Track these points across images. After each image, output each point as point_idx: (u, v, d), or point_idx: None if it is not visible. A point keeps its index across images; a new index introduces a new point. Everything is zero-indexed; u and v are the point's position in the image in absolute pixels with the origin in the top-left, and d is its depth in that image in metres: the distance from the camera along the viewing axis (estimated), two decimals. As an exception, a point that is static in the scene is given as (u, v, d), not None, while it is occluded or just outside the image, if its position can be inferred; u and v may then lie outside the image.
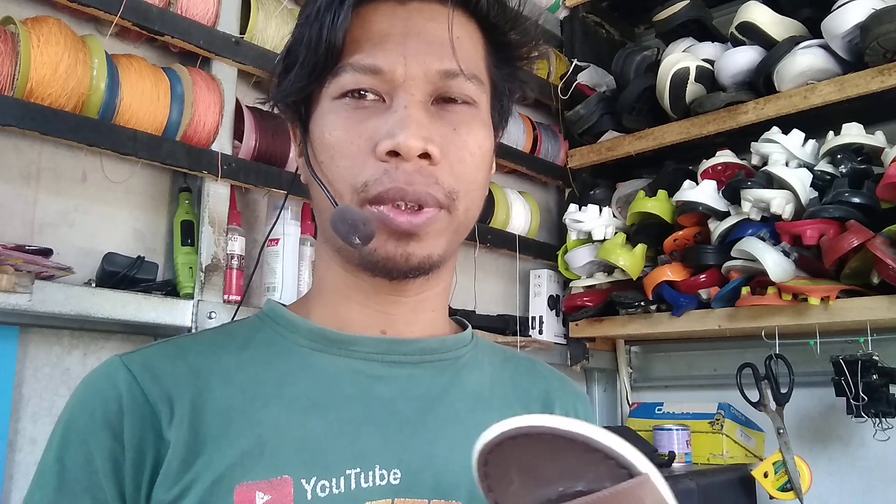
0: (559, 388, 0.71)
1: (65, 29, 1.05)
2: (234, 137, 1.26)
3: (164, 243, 1.26)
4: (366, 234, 0.56)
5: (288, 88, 0.61)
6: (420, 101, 0.58)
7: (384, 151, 0.56)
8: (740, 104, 1.60)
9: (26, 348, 1.09)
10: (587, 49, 2.01)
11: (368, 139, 0.58)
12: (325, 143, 0.59)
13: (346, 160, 0.58)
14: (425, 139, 0.56)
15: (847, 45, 1.46)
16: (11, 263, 0.96)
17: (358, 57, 0.58)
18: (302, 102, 0.63)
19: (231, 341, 0.63)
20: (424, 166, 0.57)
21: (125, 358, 0.59)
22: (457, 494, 0.57)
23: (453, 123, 0.59)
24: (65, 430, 0.57)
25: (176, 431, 0.55)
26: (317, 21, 0.58)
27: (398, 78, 0.58)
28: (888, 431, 1.41)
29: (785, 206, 1.44)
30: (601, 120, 1.83)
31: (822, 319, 1.42)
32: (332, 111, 0.59)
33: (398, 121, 0.56)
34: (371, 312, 0.63)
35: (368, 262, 0.59)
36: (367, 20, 0.60)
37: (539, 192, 1.96)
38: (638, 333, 1.72)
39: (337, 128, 0.59)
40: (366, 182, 0.57)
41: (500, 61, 0.65)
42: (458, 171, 0.59)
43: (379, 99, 0.59)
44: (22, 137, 1.09)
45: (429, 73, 0.58)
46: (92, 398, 0.58)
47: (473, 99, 0.61)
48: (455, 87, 0.59)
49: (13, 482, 1.05)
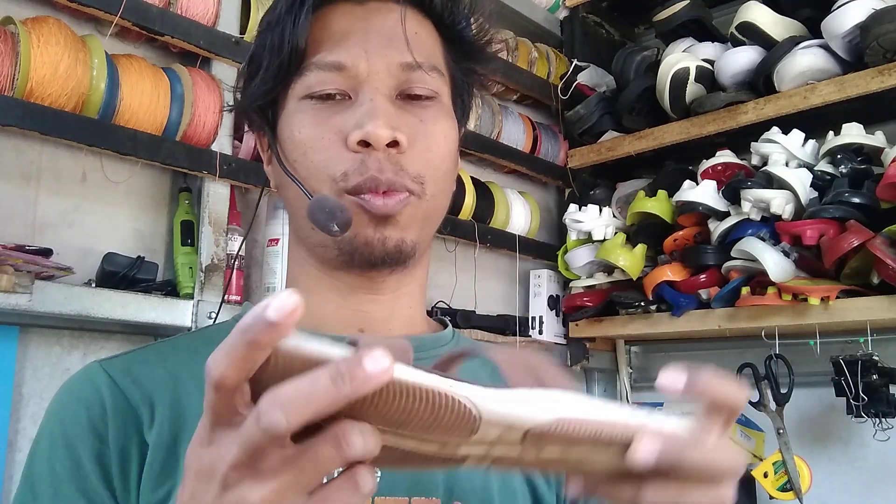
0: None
1: (65, 29, 1.05)
2: (234, 137, 1.27)
3: (164, 243, 1.26)
4: (343, 221, 0.57)
5: (255, 92, 0.62)
6: (385, 94, 0.60)
7: (355, 141, 0.57)
8: (740, 104, 1.60)
9: (26, 348, 1.09)
10: (587, 49, 2.01)
11: (339, 132, 0.59)
12: (296, 141, 0.60)
13: (319, 154, 0.59)
14: (393, 128, 0.58)
15: (847, 45, 1.46)
16: (11, 263, 0.96)
17: (321, 55, 0.60)
18: (269, 106, 0.64)
19: (208, 345, 0.63)
20: (393, 154, 0.58)
21: (104, 363, 0.60)
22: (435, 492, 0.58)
23: (419, 116, 0.61)
24: (51, 437, 0.57)
25: (156, 435, 0.56)
26: (278, 25, 0.60)
27: (362, 73, 0.59)
28: (888, 431, 1.40)
29: (785, 207, 1.44)
30: (601, 120, 1.83)
31: (822, 319, 1.42)
32: (300, 110, 0.61)
33: (366, 112, 0.58)
34: (347, 312, 0.64)
35: (347, 250, 0.60)
36: (327, 21, 0.61)
37: (539, 192, 1.96)
38: (638, 333, 1.72)
39: (306, 125, 0.60)
40: (345, 172, 0.58)
41: (458, 56, 0.67)
42: (426, 158, 0.61)
43: (344, 95, 0.60)
44: (22, 137, 1.09)
45: (391, 66, 0.60)
46: (75, 403, 0.58)
47: (435, 92, 0.62)
48: (416, 79, 0.61)
49: (13, 482, 1.05)
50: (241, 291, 1.23)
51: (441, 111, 0.63)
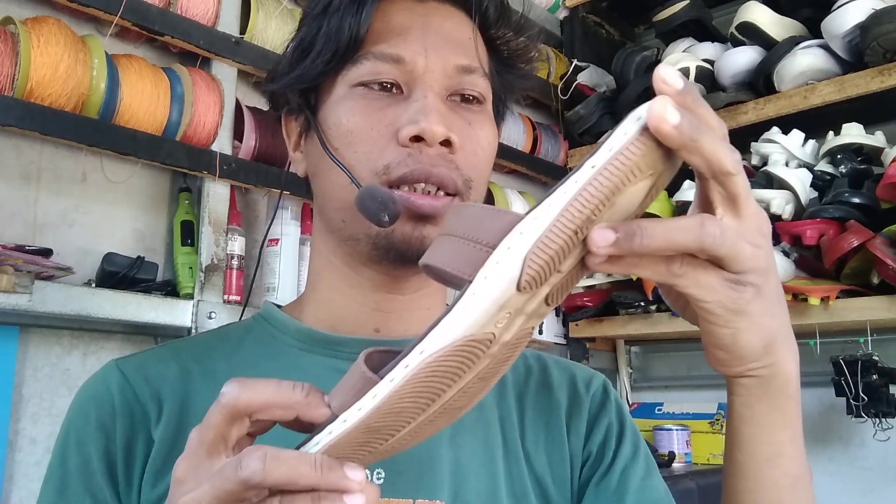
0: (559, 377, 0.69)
1: (65, 29, 1.05)
2: (234, 137, 1.26)
3: (164, 243, 1.26)
4: (394, 213, 0.56)
5: (304, 74, 0.62)
6: (438, 93, 0.60)
7: (408, 136, 0.57)
8: (740, 104, 1.60)
9: (26, 348, 1.09)
10: (587, 49, 2.01)
11: (389, 125, 0.58)
12: (343, 129, 0.60)
13: (365, 145, 0.59)
14: (447, 126, 0.58)
15: (847, 45, 1.46)
16: (11, 263, 0.96)
17: (380, 46, 0.60)
18: (312, 91, 0.63)
19: (224, 343, 0.64)
20: (445, 153, 0.58)
21: (120, 362, 0.61)
22: (441, 494, 0.57)
23: (467, 118, 0.61)
24: (65, 434, 0.59)
25: (163, 430, 0.57)
26: (338, 12, 0.60)
27: (419, 69, 0.59)
28: (888, 431, 1.41)
29: (785, 207, 1.44)
30: (601, 120, 1.83)
31: (822, 319, 1.42)
32: (350, 98, 0.60)
33: (420, 108, 0.58)
34: (366, 310, 0.63)
35: (383, 245, 0.59)
36: (386, 13, 0.61)
37: (539, 192, 1.96)
38: (638, 333, 1.72)
39: (355, 114, 0.59)
40: (387, 165, 0.58)
41: (500, 67, 0.67)
42: (473, 162, 0.61)
43: (397, 89, 0.60)
44: (22, 138, 1.09)
45: (447, 66, 0.60)
46: (88, 402, 0.59)
47: (484, 96, 0.63)
48: (469, 82, 0.61)
49: (13, 482, 1.05)
50: (240, 291, 1.23)
51: (487, 116, 0.63)
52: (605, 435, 0.64)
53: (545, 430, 0.64)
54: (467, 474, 0.59)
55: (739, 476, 0.50)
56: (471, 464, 0.59)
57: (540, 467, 0.62)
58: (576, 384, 0.67)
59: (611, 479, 0.62)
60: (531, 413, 0.64)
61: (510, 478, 0.60)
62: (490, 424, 0.62)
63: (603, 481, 0.62)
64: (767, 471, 0.49)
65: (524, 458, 0.61)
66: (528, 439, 0.63)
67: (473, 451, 0.60)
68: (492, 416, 0.62)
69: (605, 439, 0.64)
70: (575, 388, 0.67)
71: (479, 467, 0.59)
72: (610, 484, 0.61)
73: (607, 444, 0.64)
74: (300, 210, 1.34)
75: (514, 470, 0.61)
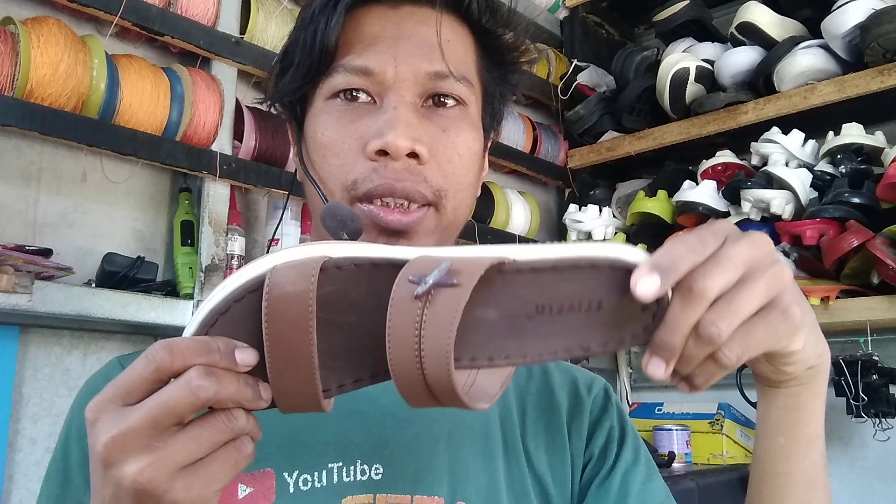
0: (560, 379, 0.69)
1: (65, 29, 1.05)
2: (234, 137, 1.26)
3: (164, 243, 1.26)
4: (353, 230, 0.56)
5: (284, 89, 0.62)
6: (410, 101, 0.59)
7: (373, 150, 0.57)
8: (740, 104, 1.60)
9: (26, 348, 1.09)
10: (587, 49, 2.02)
11: (359, 138, 0.58)
12: (318, 143, 0.60)
13: (336, 159, 0.59)
14: (413, 139, 0.57)
15: (847, 45, 1.46)
16: (11, 263, 0.96)
17: (349, 58, 0.59)
18: (298, 103, 0.64)
19: None
20: (413, 165, 0.58)
21: (122, 357, 0.63)
22: (439, 490, 0.58)
23: (442, 125, 0.60)
24: (68, 429, 0.59)
25: None
26: (312, 24, 0.60)
27: (388, 79, 0.59)
28: (888, 431, 1.41)
29: (785, 207, 1.44)
30: (601, 120, 1.83)
31: (822, 319, 1.42)
32: (325, 111, 0.60)
33: (387, 121, 0.57)
34: None
35: None
36: (359, 23, 0.61)
37: (539, 193, 1.96)
38: (638, 333, 1.72)
39: (329, 127, 0.60)
40: (355, 180, 0.58)
41: (491, 65, 0.66)
42: (447, 170, 0.60)
43: (370, 100, 0.60)
44: (22, 138, 1.09)
45: (418, 74, 0.59)
46: (90, 397, 0.59)
47: (462, 100, 0.61)
48: (445, 87, 0.60)
49: (13, 482, 1.05)
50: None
51: (466, 121, 0.62)
52: (606, 438, 0.64)
53: (546, 430, 0.64)
54: (466, 471, 0.59)
55: (781, 460, 0.54)
56: (469, 460, 0.59)
57: (540, 466, 0.62)
58: (577, 387, 0.67)
59: (612, 482, 0.62)
60: (532, 413, 0.64)
61: (510, 475, 0.61)
62: (490, 422, 0.62)
63: (604, 485, 0.62)
64: (808, 452, 0.54)
65: (524, 456, 0.62)
66: (528, 438, 0.63)
67: (472, 448, 0.60)
68: (492, 415, 0.62)
69: (606, 442, 0.64)
70: (576, 390, 0.67)
71: (477, 464, 0.59)
72: (611, 488, 0.61)
73: (609, 448, 0.64)
74: (300, 210, 1.34)
75: (514, 468, 0.61)
